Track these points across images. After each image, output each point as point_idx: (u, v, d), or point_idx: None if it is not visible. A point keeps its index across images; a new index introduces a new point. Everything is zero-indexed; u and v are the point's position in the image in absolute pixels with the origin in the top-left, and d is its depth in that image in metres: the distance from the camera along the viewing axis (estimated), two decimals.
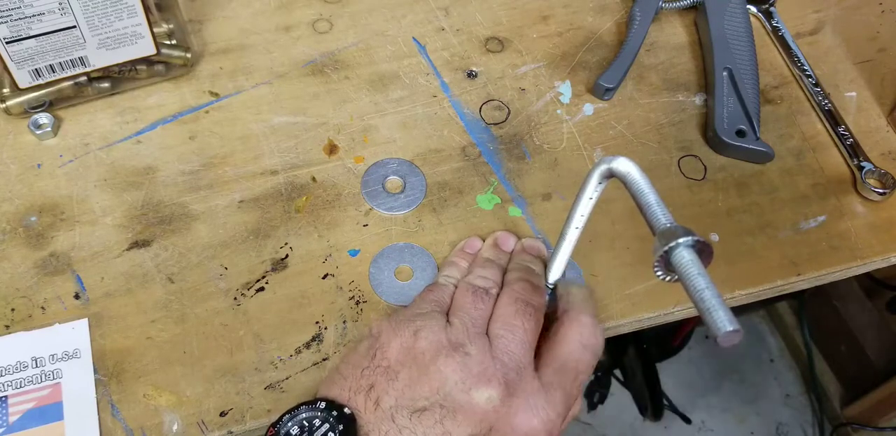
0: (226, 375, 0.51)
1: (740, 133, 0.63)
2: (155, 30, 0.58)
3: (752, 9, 0.71)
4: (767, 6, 0.71)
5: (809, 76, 0.67)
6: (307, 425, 0.42)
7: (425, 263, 0.56)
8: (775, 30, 0.70)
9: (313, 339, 0.53)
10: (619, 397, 1.40)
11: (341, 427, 0.41)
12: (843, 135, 0.64)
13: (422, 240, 0.57)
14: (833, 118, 0.65)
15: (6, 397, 0.49)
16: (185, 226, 0.56)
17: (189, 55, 0.61)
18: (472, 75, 0.66)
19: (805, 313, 1.46)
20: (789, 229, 0.60)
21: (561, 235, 0.50)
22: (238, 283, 0.54)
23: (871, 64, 0.70)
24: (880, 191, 0.61)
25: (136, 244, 0.55)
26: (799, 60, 0.68)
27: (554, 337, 0.46)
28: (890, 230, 0.61)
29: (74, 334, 0.51)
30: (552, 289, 0.52)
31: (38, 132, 0.58)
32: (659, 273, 0.41)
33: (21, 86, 0.57)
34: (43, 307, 0.52)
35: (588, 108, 0.65)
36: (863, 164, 0.62)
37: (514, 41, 0.68)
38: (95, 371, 0.50)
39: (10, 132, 0.59)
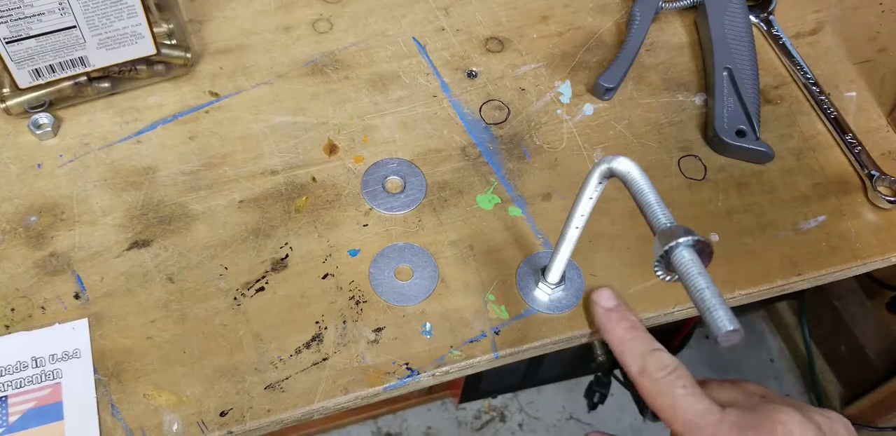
0: (226, 375, 0.51)
1: (740, 133, 0.63)
2: (155, 30, 0.58)
3: (752, 18, 0.70)
4: (767, 15, 0.71)
5: (810, 79, 0.67)
6: None
7: (425, 263, 0.56)
8: (776, 38, 0.70)
9: (313, 339, 0.53)
10: (619, 398, 1.40)
11: None
12: (851, 142, 0.64)
13: (422, 240, 0.57)
14: (840, 126, 0.65)
15: (6, 396, 0.49)
16: (185, 226, 0.56)
17: (189, 55, 0.61)
18: (472, 75, 0.66)
19: (805, 313, 1.45)
20: (789, 229, 0.60)
21: (561, 235, 0.50)
22: (238, 283, 0.54)
23: (871, 64, 0.70)
24: (891, 199, 0.61)
25: (136, 244, 0.55)
26: (801, 68, 0.68)
27: None
28: (890, 230, 0.61)
29: (74, 334, 0.51)
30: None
31: (38, 132, 0.58)
32: (659, 273, 0.41)
33: (21, 86, 0.57)
34: (43, 307, 0.52)
35: (588, 108, 0.65)
36: (872, 172, 0.62)
37: (514, 41, 0.68)
38: (95, 371, 0.50)
39: (9, 132, 0.59)
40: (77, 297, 0.53)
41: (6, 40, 0.54)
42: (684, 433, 0.41)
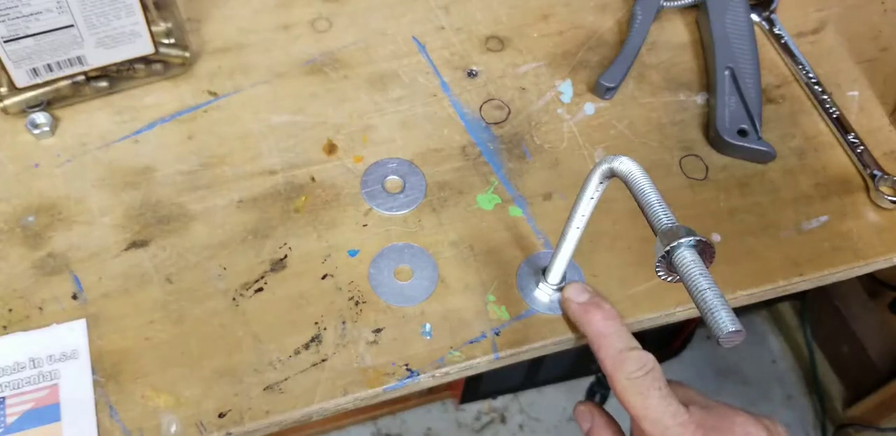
0: (224, 376, 0.51)
1: (742, 133, 0.62)
2: (153, 28, 0.58)
3: (754, 17, 0.70)
4: (768, 13, 0.70)
5: (812, 78, 0.67)
6: None
7: (425, 264, 0.55)
8: (778, 37, 0.69)
9: (312, 340, 0.52)
10: None
11: None
12: (853, 142, 0.64)
13: (422, 240, 0.57)
14: (842, 125, 0.64)
15: (4, 398, 0.49)
16: (183, 226, 0.56)
17: (187, 54, 0.61)
18: (472, 74, 0.65)
19: (807, 314, 1.45)
20: (791, 229, 0.60)
21: (562, 236, 0.50)
22: (237, 283, 0.54)
23: (874, 63, 0.70)
24: (894, 199, 0.61)
25: (134, 244, 0.55)
26: (803, 67, 0.67)
27: None
28: (892, 230, 0.60)
29: (72, 335, 0.51)
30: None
31: (35, 132, 0.58)
32: (661, 273, 0.41)
33: (18, 85, 0.57)
34: (41, 308, 0.52)
35: (589, 107, 0.64)
36: (875, 172, 0.62)
37: (514, 40, 0.67)
38: (93, 372, 0.50)
39: (7, 132, 0.59)
40: (75, 297, 0.53)
41: (3, 39, 0.54)
42: (652, 431, 0.44)
